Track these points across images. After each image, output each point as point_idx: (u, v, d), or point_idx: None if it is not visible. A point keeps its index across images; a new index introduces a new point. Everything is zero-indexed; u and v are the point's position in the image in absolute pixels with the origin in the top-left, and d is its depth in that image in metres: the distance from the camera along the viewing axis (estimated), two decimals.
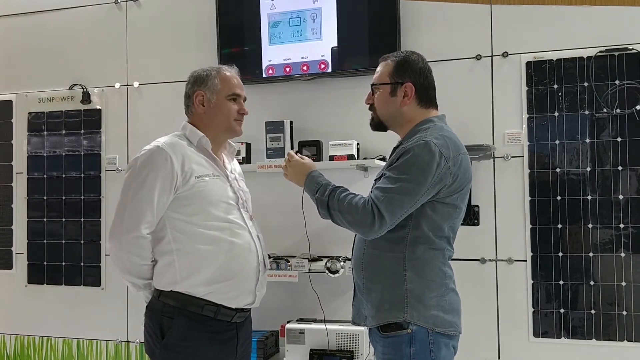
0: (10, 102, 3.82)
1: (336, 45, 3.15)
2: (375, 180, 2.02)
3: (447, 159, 1.88)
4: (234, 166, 2.34)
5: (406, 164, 1.89)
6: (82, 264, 3.62)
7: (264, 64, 3.27)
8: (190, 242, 2.07)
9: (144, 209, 2.04)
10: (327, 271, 2.94)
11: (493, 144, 2.96)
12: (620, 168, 2.81)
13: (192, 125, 2.20)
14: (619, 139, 2.82)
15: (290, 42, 3.24)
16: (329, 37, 3.17)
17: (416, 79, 2.01)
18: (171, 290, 2.08)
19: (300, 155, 2.21)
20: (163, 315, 2.08)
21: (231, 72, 2.24)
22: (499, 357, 2.94)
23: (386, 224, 1.87)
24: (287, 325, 2.94)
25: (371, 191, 1.95)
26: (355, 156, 3.00)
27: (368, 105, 2.12)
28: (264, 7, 3.28)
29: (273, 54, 3.27)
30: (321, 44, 3.18)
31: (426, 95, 2.04)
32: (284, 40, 3.25)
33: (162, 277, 2.10)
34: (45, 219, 3.71)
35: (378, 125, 2.11)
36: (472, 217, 2.97)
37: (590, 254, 2.83)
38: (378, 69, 2.09)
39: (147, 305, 2.17)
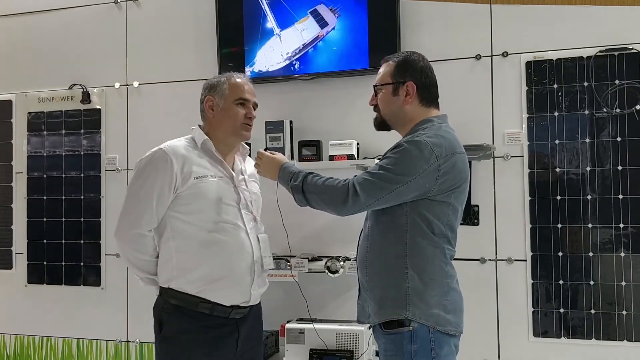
0: (10, 102, 3.82)
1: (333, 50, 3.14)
2: None
3: (438, 157, 1.90)
4: (246, 167, 2.38)
5: (393, 155, 1.94)
6: (82, 263, 3.62)
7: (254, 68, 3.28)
8: (185, 241, 2.15)
9: (144, 208, 2.14)
10: (326, 271, 2.94)
11: (493, 143, 2.96)
12: (620, 168, 2.81)
13: (201, 129, 2.28)
14: (618, 139, 2.82)
15: (284, 48, 3.22)
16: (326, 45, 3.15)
17: (417, 77, 2.03)
18: (168, 287, 2.16)
19: (270, 152, 2.27)
20: (163, 312, 2.17)
21: (242, 78, 2.31)
22: (498, 357, 2.94)
23: (360, 202, 1.91)
24: (287, 325, 2.94)
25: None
26: (355, 156, 3.00)
27: (369, 105, 2.14)
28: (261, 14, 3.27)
29: (265, 60, 3.25)
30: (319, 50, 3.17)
31: (428, 93, 2.06)
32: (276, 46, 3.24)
33: (162, 273, 2.20)
34: (45, 219, 3.71)
35: (381, 124, 2.13)
36: (472, 216, 2.97)
37: (590, 254, 2.83)
38: (380, 70, 2.11)
39: (154, 304, 2.25)
